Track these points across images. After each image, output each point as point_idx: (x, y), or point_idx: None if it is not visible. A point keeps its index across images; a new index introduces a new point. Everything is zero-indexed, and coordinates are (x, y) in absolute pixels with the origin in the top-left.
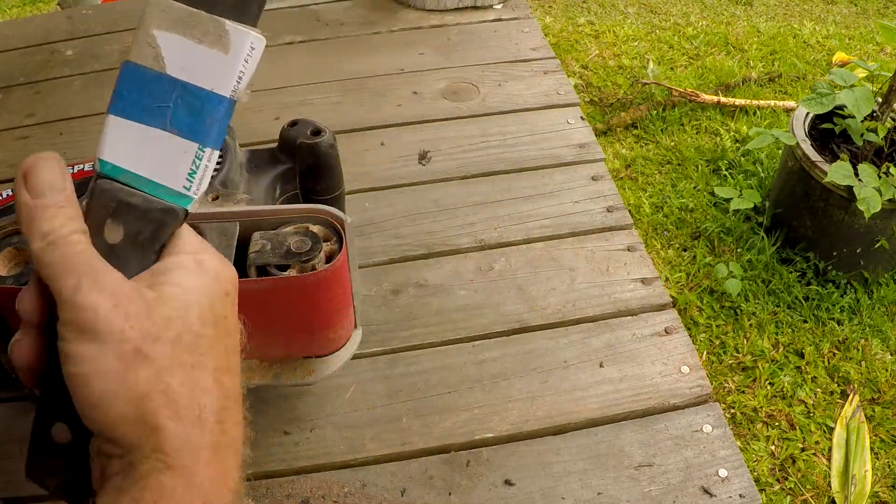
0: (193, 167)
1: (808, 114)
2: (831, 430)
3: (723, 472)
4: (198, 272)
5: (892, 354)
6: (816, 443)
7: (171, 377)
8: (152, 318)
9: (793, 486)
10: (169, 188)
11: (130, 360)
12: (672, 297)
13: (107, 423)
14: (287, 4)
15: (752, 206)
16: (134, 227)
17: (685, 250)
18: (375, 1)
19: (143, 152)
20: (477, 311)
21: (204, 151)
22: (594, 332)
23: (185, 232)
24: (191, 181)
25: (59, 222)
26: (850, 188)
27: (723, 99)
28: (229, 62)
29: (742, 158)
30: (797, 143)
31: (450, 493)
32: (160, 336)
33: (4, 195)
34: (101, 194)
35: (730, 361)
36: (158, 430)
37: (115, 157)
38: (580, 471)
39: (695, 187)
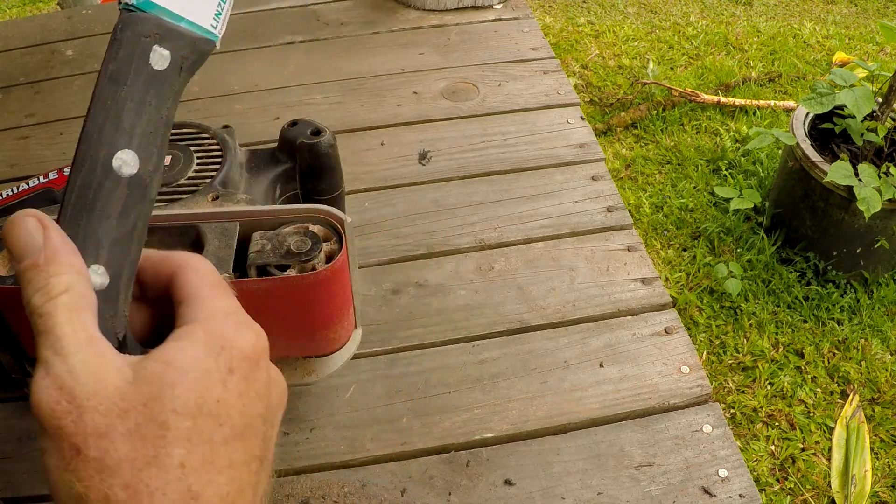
0: (219, 9)
1: (808, 114)
2: (831, 430)
3: (723, 472)
4: (197, 344)
5: (892, 354)
6: (816, 443)
7: (112, 478)
8: (108, 409)
9: (793, 486)
10: (200, 25)
11: (69, 458)
12: (672, 297)
13: None
14: (287, 4)
15: (752, 205)
16: (180, 53)
17: (685, 250)
18: (375, 1)
19: None
20: (477, 311)
21: None
22: (594, 332)
23: (208, 293)
24: (216, 21)
25: (39, 285)
26: (850, 188)
27: (723, 99)
28: None
29: (742, 158)
30: (797, 143)
31: (450, 493)
32: (109, 432)
33: (4, 195)
34: (145, 22)
35: (730, 361)
36: None
37: None
38: (580, 471)
39: (695, 187)
